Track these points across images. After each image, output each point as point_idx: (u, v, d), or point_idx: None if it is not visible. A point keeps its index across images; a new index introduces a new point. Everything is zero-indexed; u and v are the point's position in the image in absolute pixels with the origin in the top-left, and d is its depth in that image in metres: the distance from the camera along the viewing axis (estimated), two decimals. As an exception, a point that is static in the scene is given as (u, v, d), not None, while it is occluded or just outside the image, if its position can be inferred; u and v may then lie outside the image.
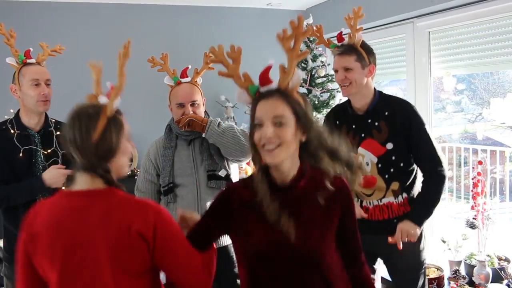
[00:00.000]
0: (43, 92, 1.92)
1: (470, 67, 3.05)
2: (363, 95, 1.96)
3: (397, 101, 2.00)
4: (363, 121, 1.96)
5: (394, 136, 1.90)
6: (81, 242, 1.13)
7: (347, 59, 1.93)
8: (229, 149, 1.94)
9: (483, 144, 4.84)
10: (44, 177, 1.88)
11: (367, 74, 1.94)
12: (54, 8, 3.54)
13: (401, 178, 1.93)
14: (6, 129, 1.96)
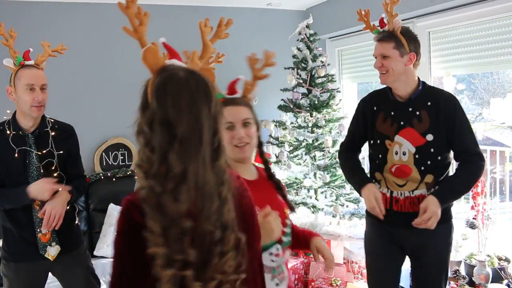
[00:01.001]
0: (37, 98, 1.91)
1: (470, 67, 3.04)
2: (404, 83, 1.91)
3: (442, 93, 1.95)
4: (404, 109, 1.92)
5: (436, 128, 1.86)
6: None
7: (385, 46, 1.89)
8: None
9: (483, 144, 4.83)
10: (29, 188, 1.87)
11: (407, 62, 1.88)
12: (54, 8, 3.53)
13: (436, 171, 1.89)
14: (3, 129, 1.96)
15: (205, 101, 0.93)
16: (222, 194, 0.95)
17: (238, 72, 1.60)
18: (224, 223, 0.94)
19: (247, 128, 1.47)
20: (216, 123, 0.96)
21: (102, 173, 3.67)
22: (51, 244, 1.98)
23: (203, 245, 0.92)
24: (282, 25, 4.22)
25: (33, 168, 1.95)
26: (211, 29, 1.15)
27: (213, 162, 0.94)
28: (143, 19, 1.05)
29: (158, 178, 0.90)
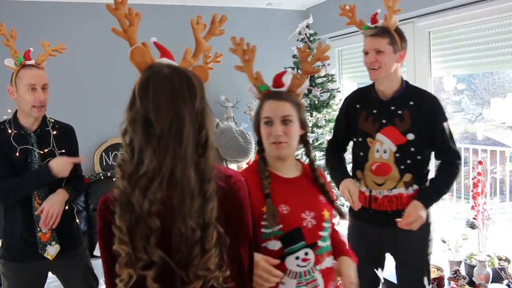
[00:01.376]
0: (38, 98, 1.91)
1: (470, 67, 3.04)
2: (390, 81, 1.92)
3: (424, 94, 1.97)
4: (386, 108, 1.92)
5: (417, 128, 1.86)
6: None
7: (380, 41, 1.87)
8: (228, 149, 1.94)
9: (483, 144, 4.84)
10: (51, 165, 1.89)
11: (398, 60, 1.89)
12: (54, 8, 3.53)
13: (415, 171, 1.91)
14: (4, 128, 1.96)
15: (188, 97, 0.92)
16: (207, 193, 0.92)
17: (238, 71, 1.58)
18: (207, 221, 0.91)
19: (286, 126, 1.36)
20: (203, 119, 0.95)
21: (102, 173, 3.67)
22: (51, 243, 1.97)
23: (183, 243, 0.89)
24: (282, 25, 4.21)
25: (34, 167, 1.95)
26: (204, 26, 1.14)
27: (198, 159, 0.93)
28: (134, 20, 1.06)
29: (132, 178, 0.89)
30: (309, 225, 1.35)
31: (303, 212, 1.36)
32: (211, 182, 0.94)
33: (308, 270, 1.35)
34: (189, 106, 0.92)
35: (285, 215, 1.34)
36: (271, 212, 1.31)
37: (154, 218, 0.87)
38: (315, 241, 1.36)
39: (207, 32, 1.16)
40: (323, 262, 1.37)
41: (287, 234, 1.33)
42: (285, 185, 1.42)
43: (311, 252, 1.35)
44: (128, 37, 1.05)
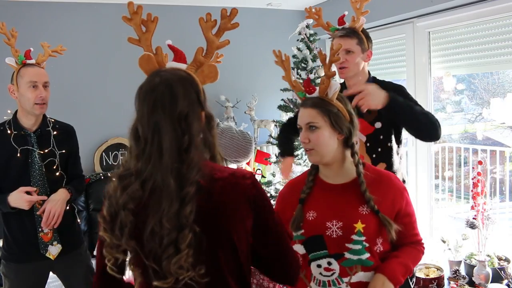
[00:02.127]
0: (40, 95, 1.92)
1: (470, 67, 3.05)
2: (359, 77, 2.01)
3: (388, 84, 2.02)
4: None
5: (382, 115, 1.92)
6: None
7: (349, 42, 1.95)
8: (227, 150, 1.94)
9: (483, 144, 4.84)
10: (9, 198, 1.86)
11: (365, 59, 1.99)
12: (54, 8, 3.53)
13: (388, 159, 1.97)
14: (3, 130, 1.96)
15: (168, 105, 0.97)
16: (186, 197, 0.95)
17: (239, 71, 1.57)
18: (183, 223, 0.95)
19: (312, 132, 1.34)
20: (187, 124, 0.99)
21: (102, 173, 3.67)
22: (52, 243, 1.97)
23: (156, 242, 0.95)
24: (282, 25, 4.22)
25: (35, 168, 1.95)
26: (215, 23, 1.15)
27: (179, 165, 0.97)
28: (150, 26, 1.09)
29: (121, 177, 1.00)
30: (334, 235, 1.32)
31: (329, 221, 1.33)
32: (193, 186, 0.96)
33: (333, 280, 1.32)
34: (169, 115, 0.97)
35: (310, 221, 1.35)
36: (296, 217, 1.35)
37: (127, 213, 0.96)
38: (340, 252, 1.31)
39: (219, 28, 1.15)
40: (354, 275, 1.31)
41: (308, 240, 1.35)
42: (326, 192, 1.40)
43: (335, 263, 1.32)
44: (142, 44, 1.08)
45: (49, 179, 1.99)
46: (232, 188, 1.02)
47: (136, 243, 0.97)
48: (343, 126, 1.34)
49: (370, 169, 1.40)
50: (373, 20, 3.47)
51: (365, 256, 1.31)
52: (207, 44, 1.13)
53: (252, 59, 4.12)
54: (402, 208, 1.36)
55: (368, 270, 1.32)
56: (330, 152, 1.35)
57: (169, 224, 0.94)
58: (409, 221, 1.37)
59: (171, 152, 0.96)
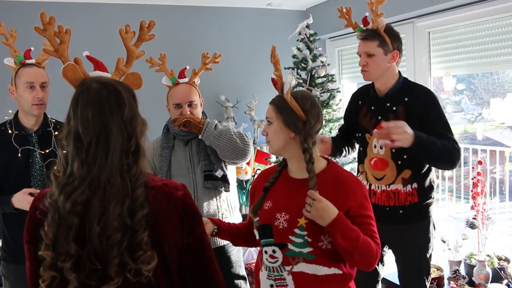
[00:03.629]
0: (37, 96, 1.91)
1: (470, 67, 3.05)
2: (385, 79, 1.97)
3: (420, 89, 1.99)
4: (382, 104, 1.97)
5: (410, 123, 1.85)
6: None
7: (369, 45, 1.93)
8: (225, 151, 1.94)
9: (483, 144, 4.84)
10: (13, 199, 1.85)
11: (390, 61, 1.95)
12: (54, 7, 3.54)
13: (414, 167, 1.92)
14: (4, 129, 1.95)
15: (116, 109, 1.00)
16: (138, 199, 0.98)
17: (239, 72, 1.59)
18: (134, 225, 0.96)
19: (268, 126, 1.47)
20: (133, 128, 1.02)
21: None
22: None
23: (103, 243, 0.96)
24: (282, 25, 4.22)
25: (36, 168, 1.94)
26: (134, 34, 1.21)
27: (128, 167, 0.99)
28: (64, 37, 1.15)
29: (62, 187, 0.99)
30: (280, 226, 1.40)
31: (279, 212, 1.42)
32: (141, 188, 0.99)
33: (276, 267, 1.42)
34: (116, 117, 1.00)
35: (265, 211, 1.46)
36: (256, 204, 1.49)
37: (73, 216, 0.97)
38: (284, 242, 1.39)
39: (137, 39, 1.23)
40: (296, 265, 1.39)
41: (260, 228, 1.46)
42: (286, 184, 1.47)
43: (279, 252, 1.41)
44: (59, 55, 1.13)
45: (50, 180, 1.99)
46: (164, 197, 1.05)
47: (80, 246, 0.97)
48: (294, 124, 1.41)
49: (332, 168, 1.46)
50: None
51: (307, 250, 1.37)
52: (127, 53, 1.20)
53: (252, 59, 4.12)
54: (352, 208, 1.37)
55: (310, 262, 1.38)
56: (280, 147, 1.45)
57: (116, 224, 0.95)
58: (363, 222, 1.38)
59: (120, 153, 0.98)
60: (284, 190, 1.46)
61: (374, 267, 1.40)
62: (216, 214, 1.99)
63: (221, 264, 2.28)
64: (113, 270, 0.96)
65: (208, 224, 1.56)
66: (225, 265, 2.03)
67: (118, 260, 0.95)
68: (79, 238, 0.97)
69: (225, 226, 1.61)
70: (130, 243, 0.96)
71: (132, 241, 0.96)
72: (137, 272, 0.97)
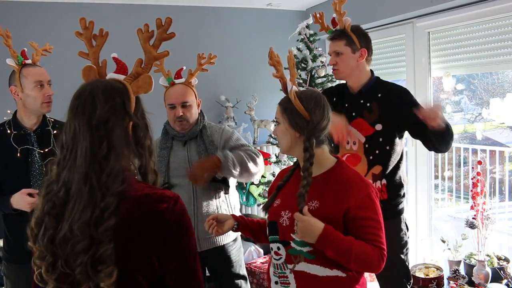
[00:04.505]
0: (47, 94, 1.94)
1: (470, 67, 3.05)
2: (356, 77, 2.01)
3: (393, 86, 2.06)
4: (356, 101, 2.01)
5: (384, 118, 1.94)
6: None
7: (336, 44, 2.00)
8: (241, 179, 1.99)
9: (483, 144, 4.84)
10: (12, 199, 1.85)
11: (359, 59, 1.99)
12: (53, 8, 3.53)
13: (385, 162, 1.95)
14: (3, 130, 1.96)
15: (89, 111, 0.99)
16: (108, 208, 0.94)
17: (238, 72, 1.60)
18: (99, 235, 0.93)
19: (276, 127, 1.51)
20: (106, 131, 0.98)
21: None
22: None
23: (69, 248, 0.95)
24: (282, 25, 4.22)
25: (35, 167, 1.94)
26: (152, 34, 1.16)
27: (97, 172, 0.96)
28: (100, 41, 1.18)
29: (45, 188, 1.01)
30: (284, 223, 1.43)
31: (284, 210, 1.45)
32: (114, 197, 0.95)
33: (280, 265, 1.44)
34: (87, 120, 0.98)
35: (273, 208, 1.50)
36: (267, 201, 1.54)
37: (50, 217, 0.98)
38: (287, 240, 1.42)
39: (156, 38, 1.17)
40: (298, 264, 1.39)
41: (268, 224, 1.51)
42: (295, 183, 1.48)
43: (283, 249, 1.43)
44: (90, 58, 1.15)
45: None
46: (139, 209, 0.99)
47: (54, 247, 0.97)
48: (298, 124, 1.43)
49: (339, 168, 1.46)
50: (373, 20, 3.48)
51: (306, 249, 1.38)
52: (145, 55, 1.16)
53: (252, 59, 4.12)
54: (352, 209, 1.34)
55: (311, 263, 1.38)
56: (287, 147, 1.47)
57: (79, 232, 0.93)
58: (364, 225, 1.35)
59: (85, 158, 0.96)
60: (292, 189, 1.48)
61: (381, 269, 1.37)
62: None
63: (221, 264, 2.29)
64: (80, 277, 0.94)
65: (229, 221, 1.60)
66: (226, 264, 2.04)
67: (83, 269, 0.93)
68: (55, 240, 0.97)
69: (246, 222, 1.64)
70: (94, 254, 0.93)
71: (96, 252, 0.93)
72: (97, 286, 0.93)
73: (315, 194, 1.40)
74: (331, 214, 1.35)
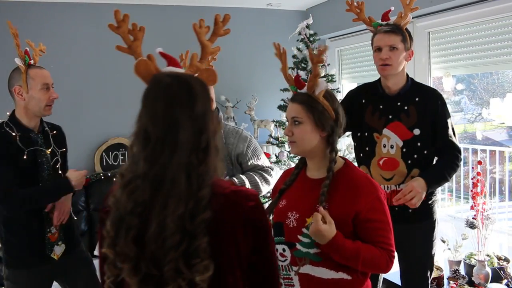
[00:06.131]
0: (52, 97, 1.92)
1: (470, 67, 3.05)
2: (398, 78, 1.95)
3: (429, 89, 2.02)
4: (392, 103, 1.95)
5: (422, 123, 1.89)
6: None
7: (394, 38, 1.90)
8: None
9: (483, 144, 4.84)
10: (70, 177, 1.89)
11: (407, 58, 1.94)
12: (54, 8, 3.53)
13: (422, 166, 1.93)
14: (5, 132, 1.90)
15: (186, 102, 0.94)
16: (202, 200, 0.91)
17: (239, 72, 1.58)
18: (193, 229, 0.90)
19: (296, 127, 1.40)
20: (204, 123, 0.95)
21: (102, 173, 3.67)
22: (58, 243, 1.96)
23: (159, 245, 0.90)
24: (282, 25, 4.22)
25: (44, 168, 1.93)
26: (208, 29, 1.15)
27: (196, 164, 0.93)
28: (138, 35, 1.09)
29: (125, 186, 0.94)
30: (291, 224, 1.40)
31: (290, 211, 1.42)
32: (208, 189, 0.92)
33: (285, 266, 1.41)
34: (187, 111, 0.94)
35: (279, 209, 1.46)
36: (271, 203, 1.50)
37: (133, 217, 0.92)
38: (293, 241, 1.39)
39: (212, 34, 1.16)
40: (302, 267, 1.37)
41: (274, 225, 1.46)
42: (302, 184, 1.47)
43: (288, 251, 1.40)
44: (133, 52, 1.08)
45: (54, 179, 1.97)
46: (231, 207, 0.97)
47: (137, 247, 0.92)
48: (326, 124, 1.38)
49: (348, 169, 1.43)
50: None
51: (313, 251, 1.35)
52: (202, 49, 1.14)
53: (252, 59, 4.12)
54: (362, 212, 1.33)
55: (317, 265, 1.36)
56: (310, 147, 1.41)
57: (173, 225, 0.89)
58: (373, 227, 1.34)
59: (187, 148, 0.92)
60: (299, 190, 1.46)
61: (389, 270, 1.37)
62: None
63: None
64: (169, 275, 0.90)
65: None
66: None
67: (174, 266, 0.89)
68: (139, 240, 0.91)
69: None
70: (187, 248, 0.89)
71: (189, 246, 0.89)
72: (191, 282, 0.90)
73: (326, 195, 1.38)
74: (340, 216, 1.34)
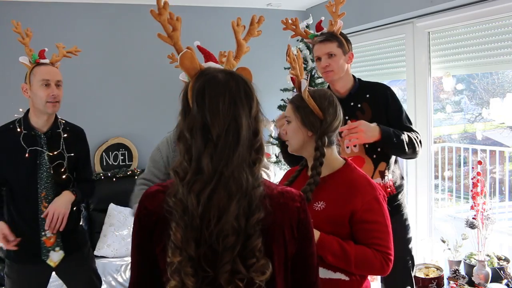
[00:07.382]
0: (52, 93, 1.91)
1: (470, 67, 3.05)
2: (344, 80, 2.04)
3: (376, 84, 2.11)
4: (346, 104, 2.00)
5: (377, 116, 1.97)
6: None
7: (329, 46, 2.00)
8: None
9: (483, 144, 4.85)
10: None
11: (347, 61, 2.04)
12: (54, 8, 3.54)
13: (387, 159, 2.00)
14: (13, 128, 1.93)
15: (245, 101, 0.94)
16: (255, 200, 0.90)
17: (239, 72, 1.58)
18: (249, 228, 0.89)
19: (287, 125, 1.48)
20: (258, 123, 0.96)
21: (102, 173, 3.67)
22: (54, 249, 1.94)
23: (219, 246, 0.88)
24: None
25: (43, 169, 1.93)
26: (244, 28, 1.16)
27: (252, 163, 0.93)
28: (176, 24, 1.08)
29: (189, 184, 0.90)
30: None
31: None
32: (262, 187, 0.92)
33: None
34: (246, 111, 0.93)
35: None
36: None
37: (194, 218, 0.89)
38: None
39: (247, 33, 1.18)
40: None
41: None
42: (302, 183, 1.48)
43: None
44: (174, 43, 1.07)
45: (56, 182, 1.96)
46: (280, 208, 0.96)
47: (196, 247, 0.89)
48: (311, 123, 1.41)
49: (347, 169, 1.44)
50: (372, 20, 3.47)
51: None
52: (237, 47, 1.16)
53: (252, 59, 4.11)
54: (358, 212, 1.33)
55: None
56: (298, 146, 1.45)
57: (235, 224, 0.87)
58: (368, 229, 1.34)
59: (247, 147, 0.92)
60: (299, 188, 1.46)
61: (387, 273, 1.36)
62: None
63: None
64: (224, 277, 0.87)
65: None
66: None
67: (230, 267, 0.87)
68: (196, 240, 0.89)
69: None
70: (242, 249, 0.88)
71: (245, 246, 0.88)
72: (249, 282, 0.88)
73: (321, 195, 1.39)
74: (337, 216, 1.34)
